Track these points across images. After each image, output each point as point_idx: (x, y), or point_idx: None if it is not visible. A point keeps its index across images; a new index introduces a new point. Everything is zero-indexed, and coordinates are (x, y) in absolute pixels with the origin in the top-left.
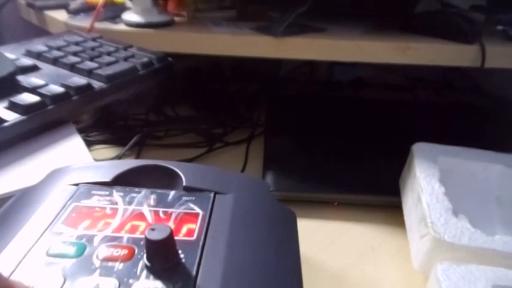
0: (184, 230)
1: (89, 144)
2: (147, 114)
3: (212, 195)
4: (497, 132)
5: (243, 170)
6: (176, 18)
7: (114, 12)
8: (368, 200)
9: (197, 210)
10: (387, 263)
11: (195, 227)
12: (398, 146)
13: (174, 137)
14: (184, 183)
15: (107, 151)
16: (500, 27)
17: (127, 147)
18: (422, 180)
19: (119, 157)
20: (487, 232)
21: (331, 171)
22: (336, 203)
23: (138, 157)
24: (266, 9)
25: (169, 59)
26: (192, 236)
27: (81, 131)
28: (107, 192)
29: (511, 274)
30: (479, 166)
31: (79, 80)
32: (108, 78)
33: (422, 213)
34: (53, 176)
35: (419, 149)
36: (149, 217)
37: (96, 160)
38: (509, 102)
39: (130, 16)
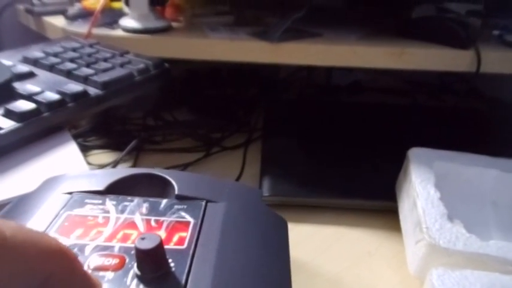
0: (175, 238)
1: (87, 149)
2: (144, 119)
3: (204, 203)
4: (495, 135)
5: (240, 175)
6: (173, 24)
7: (112, 18)
8: (365, 204)
9: (188, 218)
10: (383, 267)
11: (186, 235)
12: (396, 151)
13: (172, 142)
14: (176, 192)
15: (104, 156)
16: (496, 32)
17: (124, 152)
18: (417, 185)
19: (116, 162)
20: (483, 237)
21: (328, 176)
22: None
23: (135, 162)
24: (263, 15)
25: (166, 65)
26: (183, 245)
27: (79, 136)
28: (100, 201)
29: (506, 279)
30: (475, 171)
31: (75, 87)
32: (104, 85)
33: (417, 219)
34: (47, 184)
35: (415, 154)
36: (141, 226)
37: (93, 165)
38: (506, 105)
39: (127, 22)
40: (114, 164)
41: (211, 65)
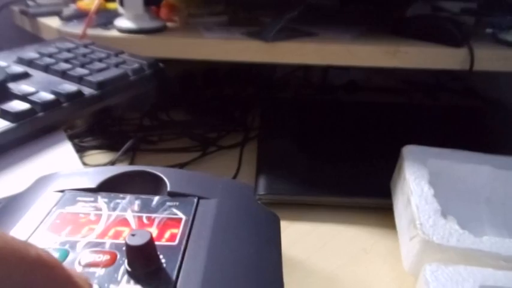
0: (167, 235)
1: (83, 149)
2: (141, 119)
3: (196, 200)
4: (489, 133)
5: (236, 174)
6: (169, 24)
7: (107, 19)
8: (361, 202)
9: (180, 215)
10: (379, 264)
11: (178, 232)
12: (392, 149)
13: (168, 142)
14: (168, 189)
15: (101, 156)
16: (489, 30)
17: (120, 152)
18: (411, 183)
19: (112, 162)
20: (476, 233)
21: (324, 174)
22: None
23: (132, 162)
24: (258, 14)
25: (161, 64)
26: (174, 241)
27: (75, 137)
28: (92, 199)
29: (499, 274)
30: (469, 168)
31: (69, 87)
32: (99, 85)
33: (411, 215)
34: (39, 182)
35: (409, 151)
36: (132, 223)
37: (89, 166)
38: (501, 103)
39: (122, 22)
40: (110, 165)
41: (207, 64)
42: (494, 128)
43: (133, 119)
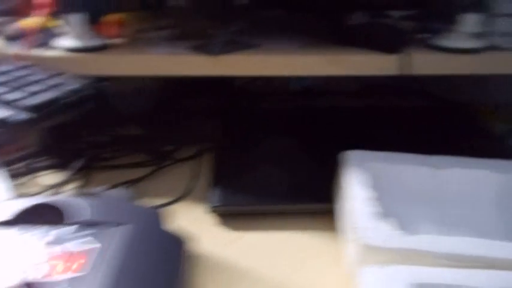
0: (76, 265)
1: (37, 169)
2: (95, 136)
3: (109, 228)
4: (442, 134)
5: (191, 187)
6: (115, 40)
7: (50, 38)
8: (310, 208)
9: (93, 243)
10: (326, 268)
11: (88, 260)
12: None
13: (125, 157)
14: (85, 217)
15: (54, 176)
16: (426, 36)
17: (71, 172)
18: (350, 187)
19: (65, 182)
20: (418, 232)
21: (276, 182)
22: None
23: (86, 181)
24: (205, 28)
25: (103, 83)
26: (84, 270)
27: (28, 157)
28: (6, 231)
29: (434, 272)
30: (408, 169)
31: (1, 113)
32: (34, 108)
33: (351, 219)
34: None
35: (349, 156)
36: (44, 255)
37: (42, 186)
38: (453, 104)
39: (65, 41)
40: (62, 185)
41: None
42: (446, 129)
43: (88, 137)
